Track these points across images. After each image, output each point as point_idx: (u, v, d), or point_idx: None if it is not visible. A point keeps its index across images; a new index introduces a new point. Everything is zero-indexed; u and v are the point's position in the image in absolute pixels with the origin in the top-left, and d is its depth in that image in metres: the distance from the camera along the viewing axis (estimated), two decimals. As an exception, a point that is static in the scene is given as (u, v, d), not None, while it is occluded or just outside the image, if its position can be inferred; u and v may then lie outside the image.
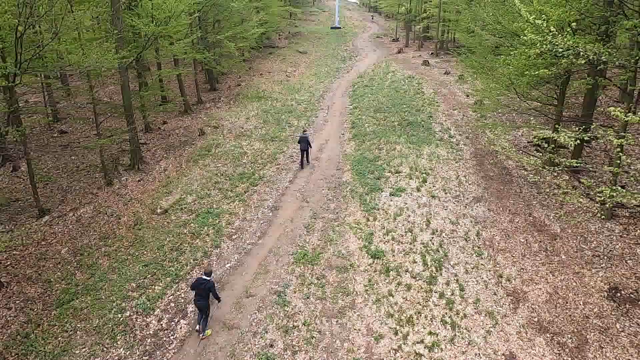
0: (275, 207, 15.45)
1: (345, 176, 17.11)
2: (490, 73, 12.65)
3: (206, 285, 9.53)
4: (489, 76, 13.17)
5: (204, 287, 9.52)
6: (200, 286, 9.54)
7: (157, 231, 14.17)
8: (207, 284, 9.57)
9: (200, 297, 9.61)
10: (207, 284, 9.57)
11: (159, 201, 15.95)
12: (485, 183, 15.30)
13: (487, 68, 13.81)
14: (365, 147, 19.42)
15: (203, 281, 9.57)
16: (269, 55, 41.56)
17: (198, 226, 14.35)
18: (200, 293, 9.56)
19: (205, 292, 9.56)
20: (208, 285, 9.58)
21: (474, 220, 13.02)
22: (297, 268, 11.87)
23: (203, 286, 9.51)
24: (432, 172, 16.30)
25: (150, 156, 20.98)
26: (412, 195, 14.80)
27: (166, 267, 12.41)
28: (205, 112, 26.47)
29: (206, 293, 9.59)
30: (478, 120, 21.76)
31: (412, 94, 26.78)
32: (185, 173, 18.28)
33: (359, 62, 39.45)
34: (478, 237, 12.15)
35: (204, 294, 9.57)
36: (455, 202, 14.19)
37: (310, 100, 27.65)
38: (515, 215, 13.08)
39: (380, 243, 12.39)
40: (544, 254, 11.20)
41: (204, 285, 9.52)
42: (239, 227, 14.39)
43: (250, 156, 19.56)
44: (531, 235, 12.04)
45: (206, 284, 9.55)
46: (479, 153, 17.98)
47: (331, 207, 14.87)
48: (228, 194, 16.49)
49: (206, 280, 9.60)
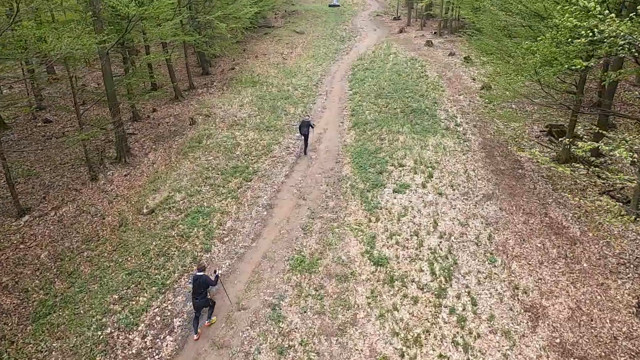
0: (270, 205, 14.40)
1: (345, 170, 16.00)
2: (508, 60, 11.32)
3: (201, 280, 9.25)
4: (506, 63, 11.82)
5: (199, 282, 9.25)
6: (194, 282, 9.31)
7: (142, 234, 13.16)
8: (201, 278, 9.27)
9: (198, 295, 9.32)
10: (201, 278, 9.27)
11: (145, 199, 14.88)
12: (495, 178, 14.21)
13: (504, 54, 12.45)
14: (366, 137, 18.23)
15: (198, 277, 9.30)
16: (264, 36, 39.73)
17: (187, 227, 13.34)
18: (198, 290, 9.28)
19: (202, 287, 9.29)
20: (203, 279, 9.27)
21: (485, 222, 12.00)
22: (293, 276, 10.92)
23: (198, 281, 9.25)
24: (438, 166, 15.18)
25: (139, 148, 19.79)
26: (417, 193, 13.73)
27: (152, 276, 11.46)
28: (197, 99, 25.10)
29: (203, 288, 9.32)
30: (486, 107, 20.49)
31: (415, 77, 25.36)
32: (175, 167, 17.15)
33: (359, 42, 37.66)
34: (490, 241, 11.16)
35: (201, 290, 9.30)
36: (464, 200, 13.14)
37: (308, 85, 26.22)
38: (529, 216, 12.06)
39: (384, 248, 11.41)
40: (563, 261, 10.23)
41: (198, 280, 9.26)
42: (231, 228, 13.39)
43: (244, 147, 18.39)
44: (548, 238, 11.05)
45: (200, 279, 9.26)
46: (487, 144, 16.82)
47: (330, 206, 13.84)
48: (220, 190, 15.41)
49: (200, 276, 9.30)
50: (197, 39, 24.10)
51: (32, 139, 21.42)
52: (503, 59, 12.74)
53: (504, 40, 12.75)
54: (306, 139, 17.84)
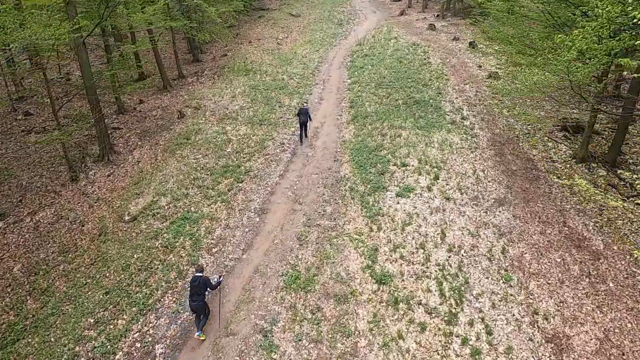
0: (263, 210, 13.30)
1: (344, 169, 14.85)
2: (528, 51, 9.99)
3: (200, 281, 8.84)
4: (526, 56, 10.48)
5: (198, 283, 8.82)
6: (193, 284, 8.87)
7: (123, 245, 12.07)
8: (200, 279, 8.87)
9: (196, 297, 8.86)
10: (200, 279, 8.87)
11: (127, 205, 13.74)
12: (507, 180, 13.10)
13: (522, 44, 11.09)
14: (366, 133, 17.00)
15: (197, 278, 8.90)
16: (258, 20, 37.87)
17: (172, 237, 12.26)
18: (196, 292, 8.83)
19: (201, 288, 8.85)
20: (202, 281, 8.86)
21: (498, 231, 10.94)
22: (287, 296, 9.90)
23: (197, 282, 8.83)
24: (444, 166, 14.04)
25: (123, 144, 18.54)
26: (423, 197, 12.63)
27: (132, 294, 10.43)
28: (186, 89, 23.68)
29: (202, 290, 8.88)
30: (494, 97, 19.21)
31: (417, 65, 23.92)
32: (161, 167, 15.95)
33: (358, 26, 35.90)
34: (504, 256, 10.13)
35: (200, 292, 8.85)
36: (473, 205, 12.05)
37: (304, 73, 24.76)
38: (546, 225, 11.00)
39: (387, 262, 10.37)
40: (586, 280, 9.23)
41: (197, 281, 8.83)
42: (220, 237, 12.31)
43: (235, 144, 17.15)
44: (568, 252, 10.02)
45: (199, 280, 8.85)
46: (497, 140, 15.63)
47: (327, 211, 12.74)
48: (209, 192, 14.27)
49: (199, 277, 8.91)
50: (184, 24, 22.53)
51: (11, 133, 20.15)
52: (522, 51, 11.43)
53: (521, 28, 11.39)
54: (303, 127, 17.05)
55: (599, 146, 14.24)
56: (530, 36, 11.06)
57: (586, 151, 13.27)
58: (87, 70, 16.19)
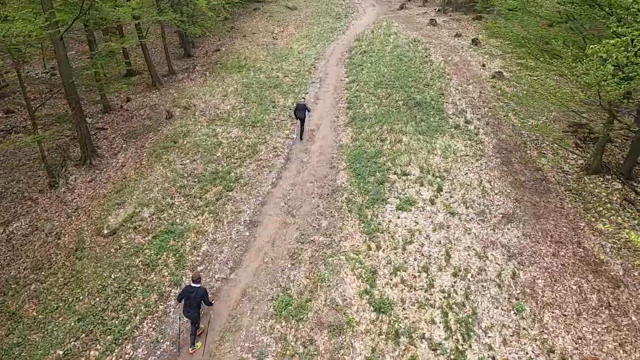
0: (254, 223, 12.38)
1: (341, 178, 13.91)
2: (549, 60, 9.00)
3: (197, 293, 8.31)
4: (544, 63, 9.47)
5: (195, 295, 8.29)
6: (189, 295, 8.33)
7: (100, 263, 11.13)
8: (197, 291, 8.33)
9: (190, 308, 8.39)
10: (197, 291, 8.33)
11: (107, 216, 12.77)
12: (515, 192, 12.22)
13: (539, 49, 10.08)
14: (364, 137, 16.04)
15: (192, 289, 8.35)
16: (253, 12, 36.57)
17: (154, 253, 11.32)
18: (190, 303, 8.33)
19: (196, 301, 8.34)
20: (199, 293, 8.33)
21: (507, 252, 10.08)
22: (277, 325, 9.02)
23: (194, 294, 8.30)
24: (447, 176, 13.13)
25: (107, 146, 17.51)
26: (425, 211, 11.74)
27: (107, 321, 9.51)
28: (176, 86, 22.58)
29: (197, 302, 8.38)
30: (499, 100, 18.27)
31: (418, 63, 22.90)
32: (145, 173, 14.95)
33: (356, 20, 34.72)
34: (515, 281, 9.27)
35: (194, 304, 8.35)
36: (480, 221, 11.17)
37: (300, 70, 23.68)
38: (560, 245, 10.14)
39: (387, 287, 9.50)
40: (606, 312, 8.41)
41: (194, 293, 8.31)
42: (206, 253, 11.39)
43: (226, 148, 16.16)
44: (585, 278, 9.19)
45: (197, 292, 8.32)
46: (503, 146, 14.73)
47: (323, 226, 11.83)
48: (196, 202, 13.32)
49: (197, 288, 8.36)
50: (173, 18, 21.34)
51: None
52: (536, 54, 10.43)
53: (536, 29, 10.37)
54: (302, 124, 16.32)
55: (612, 155, 13.38)
56: (547, 39, 10.06)
57: (600, 162, 12.40)
58: (65, 68, 15.08)
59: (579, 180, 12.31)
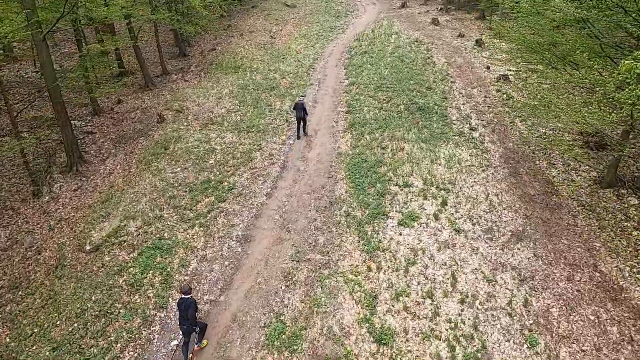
0: (246, 238, 11.65)
1: (339, 189, 13.18)
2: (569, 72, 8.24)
3: (186, 305, 8.17)
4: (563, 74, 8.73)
5: (185, 307, 8.17)
6: (180, 307, 8.24)
7: (80, 282, 10.39)
8: (186, 302, 8.19)
9: (183, 320, 8.27)
10: (186, 302, 8.19)
11: (91, 230, 12.02)
12: (525, 207, 11.49)
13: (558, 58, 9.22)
14: (364, 144, 15.29)
15: (182, 301, 8.25)
16: (251, 10, 35.68)
17: (139, 271, 10.59)
18: (182, 315, 8.22)
19: (187, 312, 8.17)
20: (187, 304, 8.16)
21: (518, 276, 9.37)
22: (269, 356, 8.31)
23: (184, 306, 8.19)
24: (452, 188, 12.40)
25: (96, 151, 16.75)
26: (429, 227, 11.01)
27: (85, 350, 8.79)
28: (169, 87, 21.78)
29: (188, 313, 8.17)
30: (504, 105, 17.52)
31: (420, 64, 22.11)
32: (133, 182, 14.19)
33: (356, 18, 33.88)
34: (527, 310, 8.57)
35: (185, 316, 8.20)
36: (487, 240, 10.46)
37: (298, 72, 22.88)
38: (574, 268, 9.44)
39: (388, 314, 8.79)
40: (628, 348, 7.72)
41: (184, 304, 8.19)
42: (195, 272, 10.66)
43: (219, 155, 15.40)
44: (603, 307, 8.49)
45: (186, 303, 8.18)
46: (510, 156, 13.99)
47: (320, 242, 11.10)
48: (186, 214, 12.58)
49: (185, 300, 8.22)
50: (166, 16, 20.53)
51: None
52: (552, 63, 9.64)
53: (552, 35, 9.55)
54: (300, 122, 16.13)
55: (626, 167, 12.67)
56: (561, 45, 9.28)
57: (614, 175, 11.68)
58: (49, 70, 14.31)
59: (592, 195, 11.60)
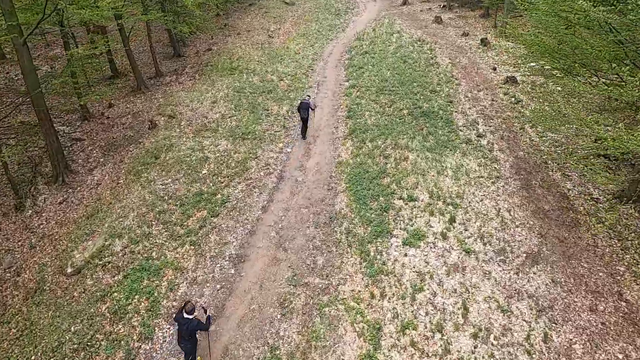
0: (240, 258, 10.86)
1: (339, 202, 12.37)
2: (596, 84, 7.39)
3: (189, 326, 7.66)
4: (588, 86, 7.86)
5: (186, 328, 7.68)
6: (182, 327, 7.74)
7: (59, 311, 9.60)
8: (189, 324, 7.67)
9: (183, 340, 7.85)
10: (189, 324, 7.67)
11: (74, 249, 11.22)
12: (539, 225, 10.68)
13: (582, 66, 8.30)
14: (365, 152, 14.46)
15: (185, 321, 7.71)
16: (249, 8, 34.73)
17: (124, 297, 9.80)
18: (183, 335, 7.77)
19: (189, 333, 7.73)
20: (192, 326, 7.66)
21: (536, 305, 8.57)
22: (263, 398, 7.55)
23: (185, 327, 7.69)
24: (461, 203, 11.59)
25: (84, 160, 15.94)
26: (437, 248, 10.21)
27: (61, 389, 8.04)
28: (163, 90, 20.93)
29: (190, 335, 7.75)
30: (513, 109, 16.67)
31: (423, 65, 21.23)
32: (121, 195, 13.39)
33: (357, 16, 32.95)
34: (547, 346, 7.78)
35: (186, 336, 7.76)
36: (500, 262, 9.66)
37: (296, 73, 22.00)
38: (597, 297, 8.64)
39: (393, 350, 8.00)
40: (662, 393, 6.96)
41: (186, 326, 7.69)
42: (184, 296, 9.87)
43: (213, 164, 14.59)
44: (632, 344, 7.70)
45: (189, 324, 7.67)
46: (522, 166, 13.16)
47: (319, 264, 10.31)
48: (176, 231, 11.79)
49: (188, 320, 7.69)
50: (158, 17, 19.64)
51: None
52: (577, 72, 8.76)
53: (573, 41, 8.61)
54: (305, 123, 15.74)
55: (647, 179, 11.82)
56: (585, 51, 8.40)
57: (635, 188, 10.85)
58: (31, 76, 13.44)
59: (612, 211, 10.78)
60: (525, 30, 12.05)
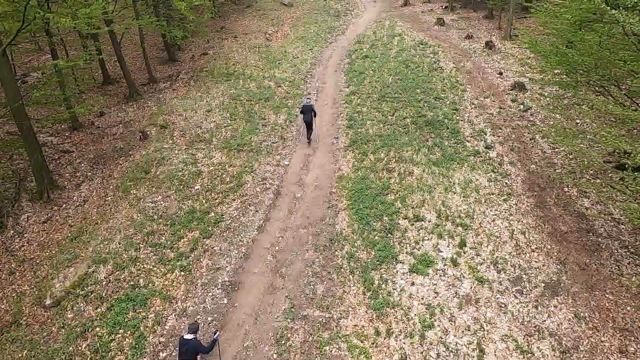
0: (234, 285, 10.05)
1: (341, 221, 11.56)
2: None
3: (189, 347, 7.29)
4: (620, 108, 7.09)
5: (187, 349, 7.31)
6: (182, 349, 7.37)
7: (34, 350, 8.79)
8: (188, 344, 7.29)
9: None
10: (188, 344, 7.29)
11: (54, 277, 10.42)
12: (557, 249, 9.88)
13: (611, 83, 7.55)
14: (367, 166, 13.66)
15: (185, 342, 7.36)
16: (246, 10, 33.90)
17: (107, 332, 9.00)
18: (185, 358, 7.39)
19: (189, 355, 7.36)
20: (191, 346, 7.27)
21: (559, 346, 7.76)
22: None
23: (185, 348, 7.33)
24: (471, 224, 10.78)
25: (71, 174, 15.14)
26: (446, 276, 9.40)
27: None
28: (156, 97, 20.13)
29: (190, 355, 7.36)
30: (522, 117, 15.86)
31: (426, 70, 20.41)
32: (108, 214, 12.59)
33: (356, 18, 32.09)
34: (573, 395, 7.00)
35: (188, 358, 7.38)
36: (517, 294, 8.85)
37: (294, 79, 21.18)
38: (626, 335, 7.84)
39: (402, 399, 7.20)
40: None
41: (186, 347, 7.32)
42: (172, 331, 9.08)
43: (206, 179, 13.79)
44: (668, 392, 6.93)
45: (189, 345, 7.29)
46: (534, 181, 12.35)
47: (318, 293, 9.50)
48: (166, 254, 10.99)
49: (188, 340, 7.31)
50: (151, 22, 18.83)
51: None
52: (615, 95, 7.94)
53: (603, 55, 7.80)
54: (309, 127, 15.19)
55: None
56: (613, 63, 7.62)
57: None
58: (11, 88, 12.64)
59: (635, 233, 9.97)
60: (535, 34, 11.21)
